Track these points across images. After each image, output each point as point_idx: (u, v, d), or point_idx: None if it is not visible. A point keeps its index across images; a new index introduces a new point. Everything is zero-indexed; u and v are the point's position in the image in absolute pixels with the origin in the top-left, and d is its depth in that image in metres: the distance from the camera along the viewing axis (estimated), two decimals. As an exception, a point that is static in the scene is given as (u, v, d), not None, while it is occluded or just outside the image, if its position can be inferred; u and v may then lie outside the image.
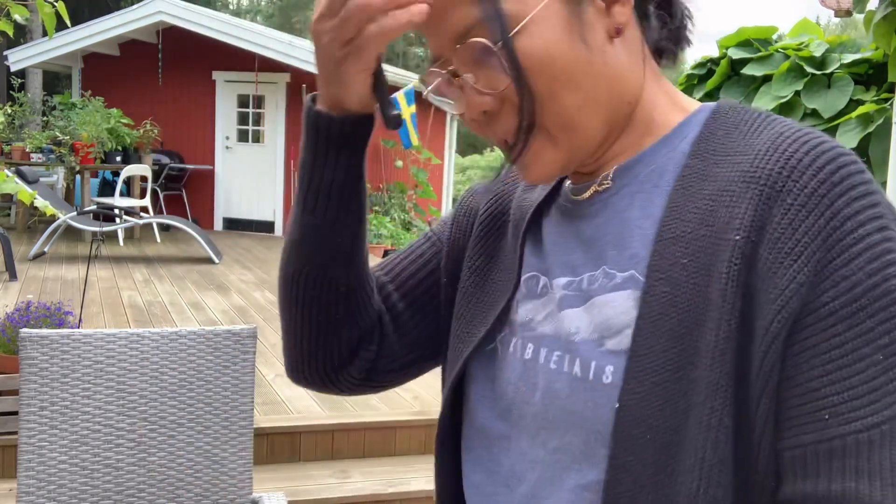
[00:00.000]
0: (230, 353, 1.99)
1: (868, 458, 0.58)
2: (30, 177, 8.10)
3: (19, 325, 3.55)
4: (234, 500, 2.00)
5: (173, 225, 8.72)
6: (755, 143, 0.67)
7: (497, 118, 0.71)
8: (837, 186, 0.61)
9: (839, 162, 0.62)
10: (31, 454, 1.86)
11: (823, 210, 0.60)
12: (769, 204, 0.62)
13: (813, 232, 0.60)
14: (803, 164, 0.62)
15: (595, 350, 0.68)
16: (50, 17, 2.64)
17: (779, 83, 4.84)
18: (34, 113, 12.92)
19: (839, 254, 0.59)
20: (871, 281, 0.59)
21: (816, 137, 0.64)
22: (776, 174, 0.63)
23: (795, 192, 0.61)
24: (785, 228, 0.61)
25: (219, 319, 5.75)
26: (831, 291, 0.59)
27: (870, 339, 0.59)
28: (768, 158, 0.64)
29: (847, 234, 0.60)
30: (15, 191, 2.47)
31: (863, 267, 0.59)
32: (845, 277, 0.59)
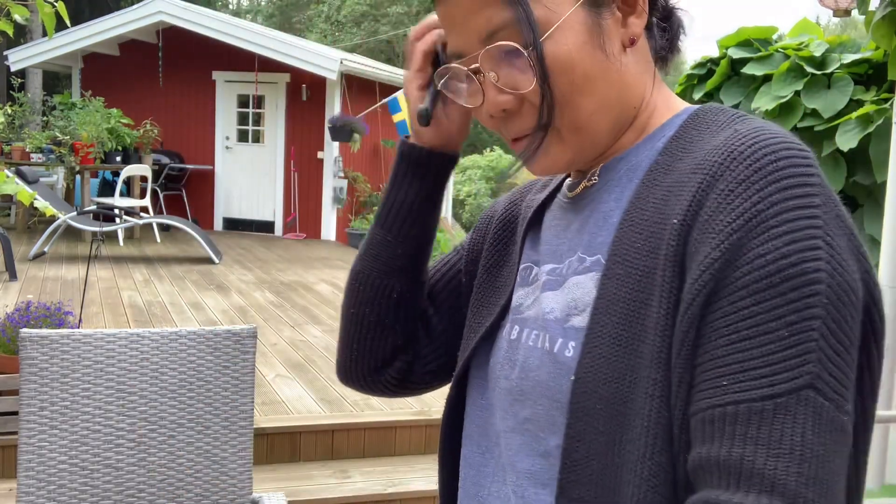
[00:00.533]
0: (230, 353, 1.99)
1: (758, 427, 0.59)
2: (30, 177, 8.10)
3: (19, 325, 3.55)
4: (234, 500, 2.00)
5: (173, 225, 8.72)
6: (714, 140, 0.70)
7: (515, 116, 0.76)
8: (771, 175, 0.63)
9: (779, 153, 0.64)
10: (31, 454, 1.86)
11: (751, 195, 0.63)
12: (706, 191, 0.66)
13: (737, 213, 0.63)
14: (742, 155, 0.65)
15: (562, 327, 0.75)
16: (50, 17, 2.64)
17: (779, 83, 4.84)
18: (34, 113, 12.92)
19: (759, 234, 0.62)
20: (786, 261, 0.61)
21: (769, 134, 0.66)
22: (717, 164, 0.66)
23: (728, 179, 0.65)
24: (713, 211, 0.64)
25: (219, 319, 5.75)
26: (745, 268, 0.62)
27: (777, 315, 0.60)
28: (717, 152, 0.68)
29: (771, 217, 0.62)
30: (15, 191, 2.47)
31: (780, 248, 0.61)
32: (760, 256, 0.61)
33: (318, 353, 5.03)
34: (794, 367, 0.60)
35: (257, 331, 2.04)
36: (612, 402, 0.68)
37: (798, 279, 0.61)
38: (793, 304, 0.60)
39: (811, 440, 0.59)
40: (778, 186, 0.63)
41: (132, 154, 9.57)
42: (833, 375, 0.61)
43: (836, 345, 0.61)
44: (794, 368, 0.60)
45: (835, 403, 0.60)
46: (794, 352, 0.60)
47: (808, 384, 0.60)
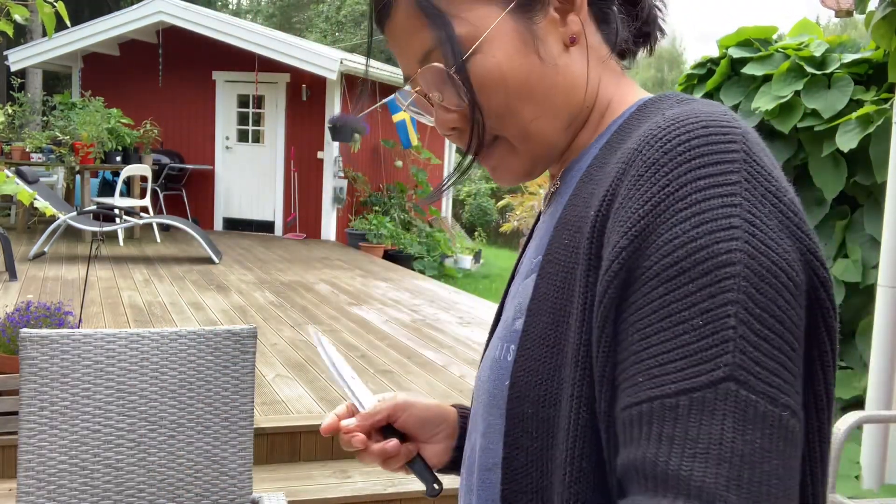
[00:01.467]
0: (230, 353, 1.99)
1: (674, 425, 0.54)
2: (30, 177, 8.10)
3: (19, 325, 3.55)
4: (234, 500, 2.00)
5: (173, 225, 8.72)
6: (639, 129, 0.66)
7: (465, 132, 0.75)
8: (681, 155, 0.58)
9: (694, 132, 0.59)
10: (31, 454, 1.86)
11: (659, 178, 0.58)
12: (620, 179, 0.62)
13: (644, 199, 0.59)
14: (655, 138, 0.61)
15: (508, 331, 0.73)
16: (50, 17, 2.64)
17: (779, 83, 4.84)
18: (34, 113, 12.92)
19: (667, 219, 0.57)
20: (695, 243, 0.56)
21: (691, 114, 0.61)
22: (632, 151, 0.62)
23: (639, 164, 0.61)
24: (623, 199, 0.61)
25: (219, 319, 5.75)
26: (654, 255, 0.57)
27: (690, 303, 0.55)
28: (636, 139, 0.63)
29: (679, 200, 0.57)
30: (15, 191, 2.47)
31: (688, 230, 0.56)
32: (669, 241, 0.57)
33: (318, 353, 5.02)
34: (711, 359, 0.54)
35: (257, 331, 2.03)
36: (542, 405, 0.66)
37: (709, 262, 0.55)
38: (705, 290, 0.55)
39: (733, 438, 0.52)
40: (688, 167, 0.58)
41: (132, 154, 9.57)
42: (762, 366, 0.54)
43: (762, 331, 0.55)
44: (711, 360, 0.54)
45: (766, 397, 0.54)
46: (709, 341, 0.54)
47: (728, 376, 0.53)
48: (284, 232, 11.26)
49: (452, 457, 0.93)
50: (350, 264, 8.94)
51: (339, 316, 6.19)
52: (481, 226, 16.87)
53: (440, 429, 0.93)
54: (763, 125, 4.96)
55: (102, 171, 9.84)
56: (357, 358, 4.96)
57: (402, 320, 6.17)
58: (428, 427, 0.92)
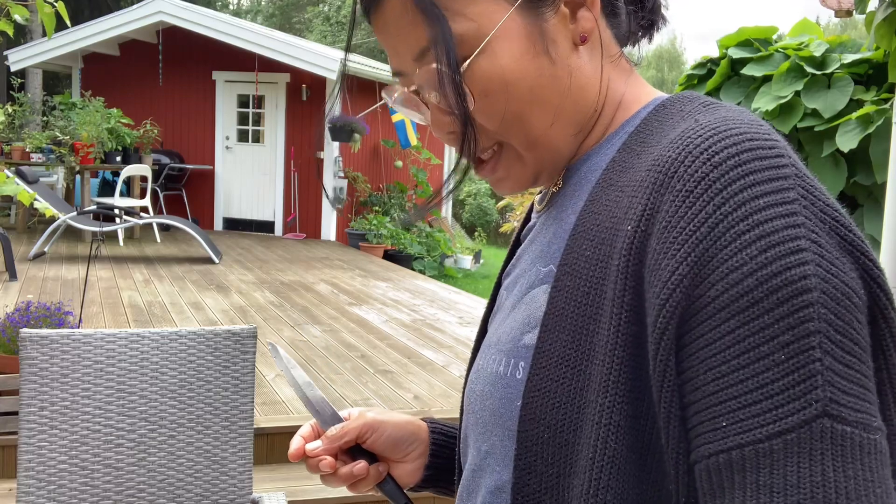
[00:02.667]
0: (230, 353, 1.99)
1: (771, 472, 0.50)
2: (30, 177, 8.10)
3: (19, 325, 3.55)
4: (234, 500, 2.00)
5: (173, 225, 8.72)
6: (668, 134, 0.62)
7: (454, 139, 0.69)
8: (733, 171, 0.54)
9: (742, 144, 0.55)
10: (31, 454, 1.86)
11: (714, 195, 0.53)
12: (661, 191, 0.57)
13: (699, 219, 0.53)
14: (699, 149, 0.56)
15: (516, 345, 0.67)
16: (50, 17, 2.64)
17: (779, 83, 4.84)
18: (34, 113, 12.92)
19: (729, 242, 0.52)
20: (766, 270, 0.51)
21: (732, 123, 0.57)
22: (671, 160, 0.57)
23: (686, 178, 0.55)
24: (672, 216, 0.55)
25: (219, 319, 5.75)
26: (720, 284, 0.52)
27: (769, 336, 0.51)
28: (674, 146, 0.58)
29: (739, 221, 0.52)
30: (15, 192, 2.47)
31: (755, 256, 0.51)
32: (736, 268, 0.52)
33: (318, 353, 5.03)
34: (801, 396, 0.50)
35: (257, 331, 2.03)
36: (560, 429, 0.61)
37: (785, 290, 0.51)
38: (784, 321, 0.50)
39: (835, 477, 0.49)
40: (743, 184, 0.53)
41: (132, 154, 9.57)
42: (851, 394, 0.50)
43: (845, 357, 0.51)
44: (801, 397, 0.50)
45: (860, 426, 0.50)
46: (796, 377, 0.50)
47: (822, 412, 0.49)
48: (284, 232, 11.26)
49: (425, 475, 0.88)
50: (350, 264, 8.94)
51: (339, 316, 6.19)
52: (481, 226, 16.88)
53: (412, 448, 0.88)
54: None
55: (102, 171, 9.84)
56: (357, 358, 4.95)
57: (402, 320, 6.17)
58: (400, 447, 0.87)
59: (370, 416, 0.86)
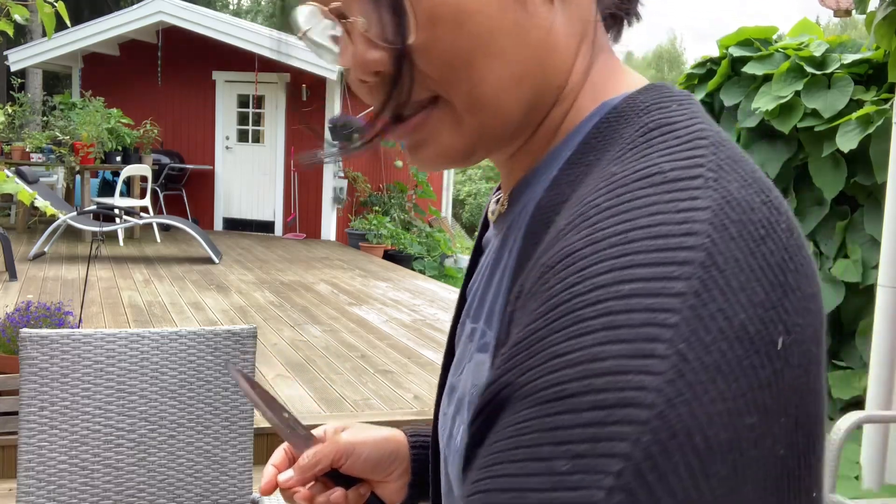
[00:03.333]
0: (230, 353, 1.99)
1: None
2: (30, 177, 8.10)
3: (19, 325, 3.55)
4: (234, 500, 2.00)
5: (173, 225, 8.72)
6: (591, 184, 0.47)
7: (387, 84, 0.52)
8: (600, 252, 0.40)
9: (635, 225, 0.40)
10: (31, 454, 1.86)
11: (565, 277, 0.41)
12: (533, 266, 0.45)
13: (537, 304, 0.42)
14: (584, 218, 0.43)
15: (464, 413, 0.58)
16: (50, 17, 2.64)
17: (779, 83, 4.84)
18: (34, 113, 12.93)
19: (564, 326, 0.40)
20: (597, 366, 0.38)
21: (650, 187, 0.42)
22: (560, 227, 0.45)
23: (552, 253, 0.43)
24: (525, 299, 0.44)
25: (219, 319, 5.75)
26: (537, 370, 0.40)
27: (559, 439, 0.38)
28: (573, 206, 0.46)
29: (587, 306, 0.39)
30: (15, 191, 2.47)
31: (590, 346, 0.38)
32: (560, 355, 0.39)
33: (318, 353, 5.03)
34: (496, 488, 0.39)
35: (257, 331, 2.03)
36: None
37: (606, 395, 0.37)
38: (588, 430, 0.37)
39: None
40: (609, 265, 0.40)
41: (132, 154, 9.58)
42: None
43: None
44: None
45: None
46: (572, 497, 0.36)
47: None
48: (284, 232, 11.26)
49: (410, 493, 0.82)
50: (350, 264, 8.94)
51: (339, 316, 6.19)
52: (481, 226, 16.86)
53: (393, 467, 0.80)
54: (763, 125, 4.96)
55: (102, 171, 9.84)
56: (357, 358, 4.96)
57: (402, 320, 6.17)
58: (380, 468, 0.80)
59: (344, 440, 0.79)
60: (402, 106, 0.51)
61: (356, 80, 0.54)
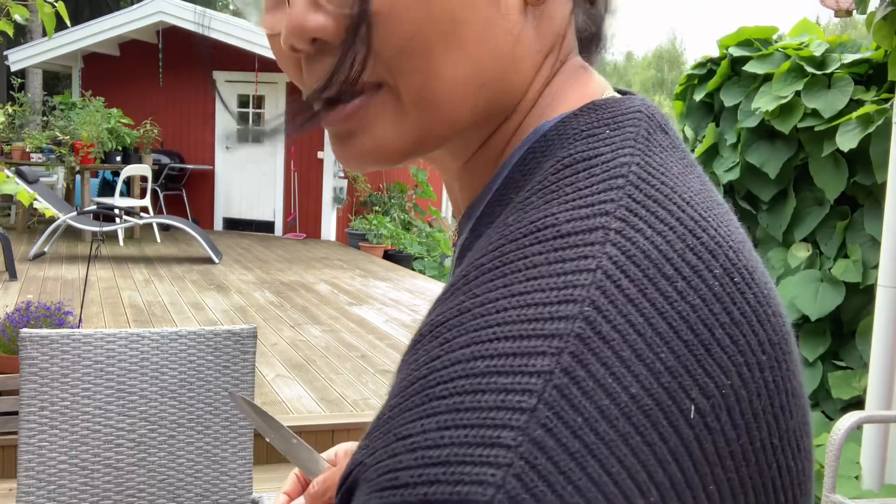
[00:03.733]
0: (230, 353, 1.99)
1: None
2: (30, 177, 8.10)
3: (19, 325, 3.55)
4: (234, 500, 2.00)
5: (173, 225, 8.72)
6: (488, 233, 0.42)
7: (327, 56, 0.45)
8: (465, 325, 0.36)
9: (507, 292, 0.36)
10: (31, 454, 1.86)
11: (429, 350, 0.36)
12: (397, 373, 0.39)
13: (399, 378, 0.37)
14: (465, 280, 0.39)
15: None
16: (50, 17, 2.64)
17: (779, 83, 4.84)
18: (34, 113, 12.93)
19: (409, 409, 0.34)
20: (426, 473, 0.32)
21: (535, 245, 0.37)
22: (445, 288, 0.41)
23: (426, 321, 0.39)
24: (397, 371, 0.39)
25: (219, 319, 5.75)
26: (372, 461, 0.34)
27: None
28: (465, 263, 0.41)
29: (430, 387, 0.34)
30: (15, 191, 2.47)
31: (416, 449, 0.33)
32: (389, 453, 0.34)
33: (318, 353, 5.03)
34: None
35: (257, 331, 2.03)
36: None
37: (439, 489, 0.31)
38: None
39: None
40: (470, 339, 0.35)
41: (132, 154, 9.58)
42: None
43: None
44: None
45: None
46: None
47: None
48: (284, 232, 11.27)
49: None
50: (350, 264, 8.94)
51: (339, 316, 6.19)
52: (481, 226, 16.86)
53: None
54: (763, 125, 4.97)
55: (102, 171, 9.84)
56: (357, 358, 4.95)
57: (403, 320, 6.17)
58: None
59: None
60: (345, 86, 0.43)
61: (285, 49, 0.47)
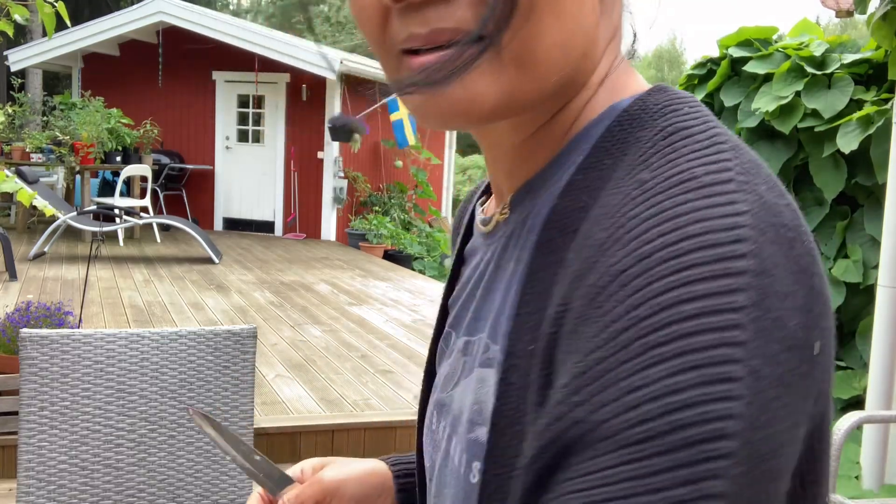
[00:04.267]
0: (230, 353, 1.99)
1: None
2: (30, 177, 8.10)
3: (19, 325, 3.55)
4: (234, 500, 1.99)
5: (173, 225, 8.72)
6: (619, 191, 0.45)
7: (440, 4, 0.46)
8: (664, 264, 0.39)
9: (687, 230, 0.39)
10: (31, 454, 1.86)
11: (625, 297, 0.39)
12: (576, 283, 0.43)
13: (600, 327, 0.40)
14: (627, 231, 0.41)
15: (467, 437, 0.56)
16: (50, 17, 2.64)
17: (779, 83, 4.84)
18: (34, 113, 12.92)
19: (632, 355, 0.38)
20: (677, 399, 0.36)
21: (684, 190, 0.41)
22: (600, 242, 0.43)
23: (602, 269, 0.41)
24: (578, 316, 0.42)
25: (219, 319, 5.75)
26: (611, 406, 0.38)
27: (656, 487, 0.36)
28: (608, 218, 0.44)
29: (653, 330, 0.38)
30: (15, 190, 2.47)
31: (664, 377, 0.37)
32: (635, 389, 0.37)
33: (318, 353, 5.03)
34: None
35: (257, 331, 2.03)
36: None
37: (695, 430, 0.36)
38: (683, 471, 0.36)
39: None
40: (671, 281, 0.38)
41: (132, 154, 9.58)
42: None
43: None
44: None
45: None
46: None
47: None
48: (284, 232, 11.26)
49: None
50: (350, 264, 8.94)
51: (339, 316, 6.19)
52: (481, 226, 16.85)
53: (380, 500, 0.78)
54: (763, 125, 4.96)
55: (102, 171, 9.84)
56: (357, 358, 4.96)
57: (403, 320, 6.17)
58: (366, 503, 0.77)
59: (328, 479, 0.75)
60: (495, 27, 0.45)
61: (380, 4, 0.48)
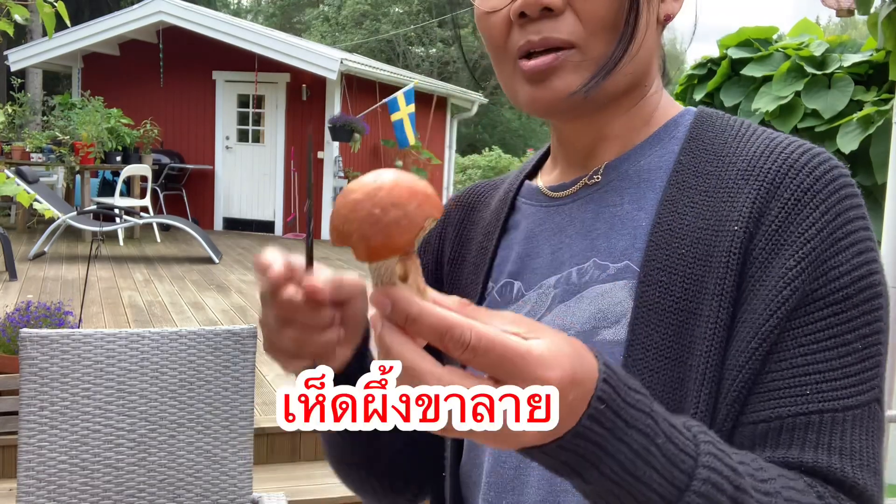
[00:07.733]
0: (230, 353, 1.99)
1: (840, 437, 0.60)
2: (30, 177, 8.10)
3: (19, 325, 3.54)
4: (234, 500, 1.99)
5: (173, 225, 8.72)
6: (749, 147, 0.69)
7: (554, 19, 0.67)
8: (830, 185, 0.64)
9: (832, 164, 0.66)
10: (31, 454, 1.86)
11: (818, 204, 0.63)
12: (767, 198, 0.65)
13: (808, 224, 0.63)
14: (800, 164, 0.65)
15: (590, 341, 0.65)
16: (50, 17, 2.64)
17: (779, 83, 4.84)
18: (34, 113, 12.93)
19: (831, 246, 0.62)
20: (857, 273, 0.62)
21: (809, 143, 0.67)
22: (774, 171, 0.65)
23: (793, 188, 0.64)
24: (782, 221, 0.64)
25: (219, 319, 5.75)
26: (823, 283, 0.62)
27: (852, 328, 0.61)
28: (765, 159, 0.67)
29: (838, 229, 0.63)
30: (14, 193, 2.47)
31: (850, 260, 0.62)
32: (835, 268, 0.62)
33: (318, 353, 5.03)
34: (868, 381, 0.61)
35: (257, 331, 2.03)
36: None
37: (867, 292, 0.62)
38: (864, 317, 0.62)
39: (877, 451, 0.61)
40: (838, 197, 0.64)
41: (132, 154, 9.58)
42: (884, 381, 0.63)
43: (885, 351, 0.63)
44: (868, 381, 0.61)
45: (882, 406, 0.63)
46: (867, 364, 0.61)
47: (875, 398, 0.62)
48: (284, 232, 11.26)
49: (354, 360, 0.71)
50: (350, 264, 8.93)
51: (339, 316, 6.19)
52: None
53: None
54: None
55: (102, 171, 9.84)
56: (357, 358, 4.95)
57: (402, 320, 6.16)
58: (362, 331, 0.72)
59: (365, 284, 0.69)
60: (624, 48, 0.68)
61: (513, 12, 0.67)
